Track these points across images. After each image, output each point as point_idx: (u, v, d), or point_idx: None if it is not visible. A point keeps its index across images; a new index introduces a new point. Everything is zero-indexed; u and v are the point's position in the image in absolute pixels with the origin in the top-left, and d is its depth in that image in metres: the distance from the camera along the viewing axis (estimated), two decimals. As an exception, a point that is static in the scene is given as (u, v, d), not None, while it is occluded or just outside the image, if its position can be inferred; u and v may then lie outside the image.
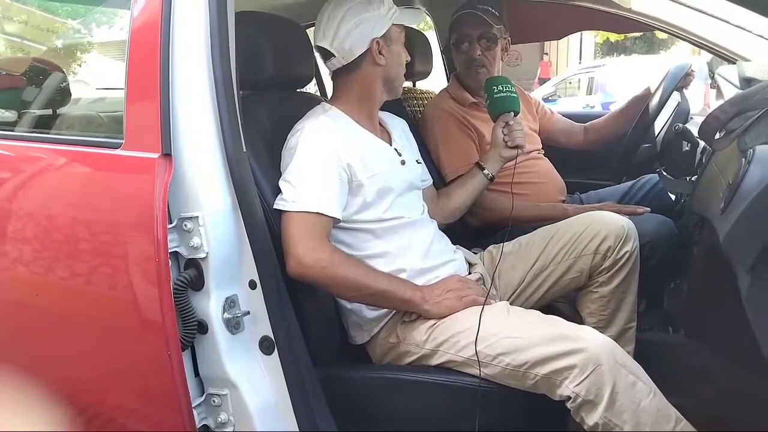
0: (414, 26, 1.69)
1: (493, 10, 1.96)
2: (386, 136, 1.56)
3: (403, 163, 1.51)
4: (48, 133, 1.58)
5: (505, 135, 1.64)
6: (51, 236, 1.25)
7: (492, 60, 1.96)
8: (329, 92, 2.71)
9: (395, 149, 1.53)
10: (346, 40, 1.41)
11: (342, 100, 1.48)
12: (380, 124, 1.57)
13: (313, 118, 1.40)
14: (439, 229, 1.59)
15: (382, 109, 1.59)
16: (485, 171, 1.68)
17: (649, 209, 1.83)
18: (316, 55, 1.52)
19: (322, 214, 1.30)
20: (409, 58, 1.53)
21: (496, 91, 1.68)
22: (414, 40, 2.07)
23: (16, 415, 1.30)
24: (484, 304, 1.35)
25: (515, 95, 1.68)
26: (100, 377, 1.27)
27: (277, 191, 1.33)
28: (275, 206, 1.31)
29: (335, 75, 1.50)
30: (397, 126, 1.64)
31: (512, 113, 1.66)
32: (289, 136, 1.40)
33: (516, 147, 1.63)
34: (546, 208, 1.90)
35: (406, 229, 1.45)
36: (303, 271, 1.26)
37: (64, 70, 1.94)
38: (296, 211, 1.29)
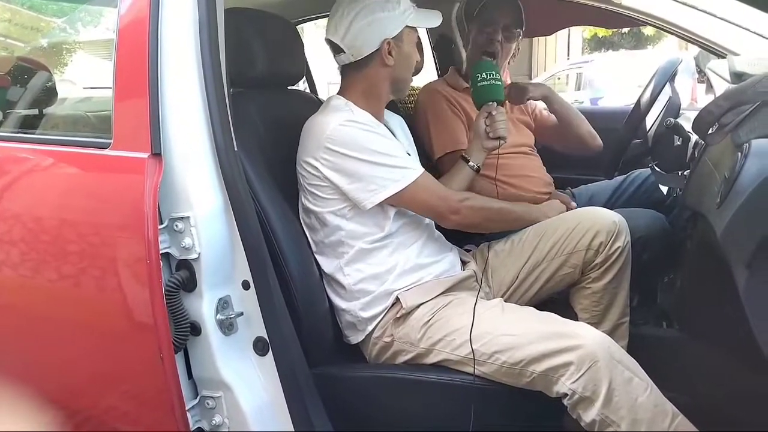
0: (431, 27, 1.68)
1: (521, 7, 1.98)
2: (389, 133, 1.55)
3: None
4: (34, 134, 1.56)
5: (487, 126, 1.59)
6: (38, 238, 1.23)
7: (505, 54, 1.96)
8: (320, 90, 2.71)
9: (407, 152, 1.53)
10: (357, 38, 1.40)
11: (350, 94, 1.47)
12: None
13: (346, 110, 1.41)
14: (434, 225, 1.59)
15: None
16: (470, 163, 1.65)
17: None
18: (307, 52, 1.51)
19: (425, 171, 1.43)
20: (419, 59, 1.52)
21: (479, 78, 1.63)
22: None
23: (6, 419, 1.28)
24: (476, 302, 1.34)
25: (500, 83, 1.63)
26: (92, 381, 1.26)
27: (270, 188, 1.32)
28: (387, 196, 1.35)
29: (344, 70, 1.49)
30: (396, 123, 1.63)
31: (494, 103, 1.60)
32: (317, 131, 1.37)
33: (498, 138, 1.59)
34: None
35: (407, 226, 1.46)
36: (462, 218, 1.44)
37: (50, 69, 1.91)
38: (413, 180, 1.37)
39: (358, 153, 1.34)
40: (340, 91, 1.50)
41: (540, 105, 2.22)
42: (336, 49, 1.45)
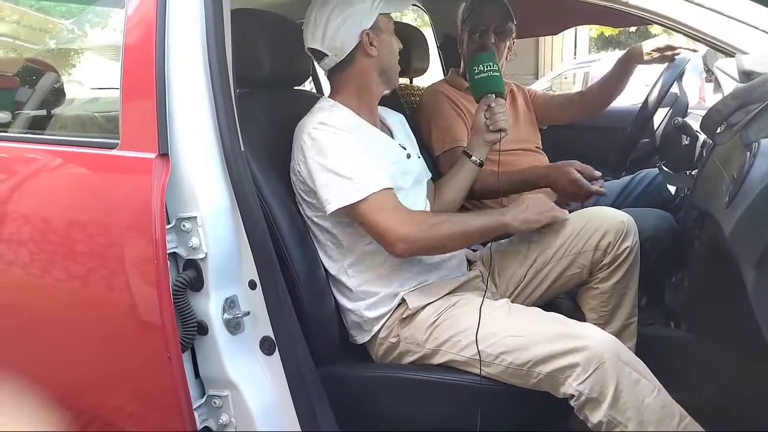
0: (401, 11, 1.68)
1: (509, 5, 1.99)
2: (387, 131, 1.56)
3: (408, 156, 1.52)
4: (42, 134, 1.57)
5: (486, 118, 1.59)
6: (47, 238, 1.24)
7: (500, 54, 1.97)
8: (326, 90, 2.71)
9: (400, 145, 1.53)
10: (335, 38, 1.40)
11: (341, 96, 1.47)
12: (380, 119, 1.56)
13: (326, 111, 1.40)
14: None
15: (380, 105, 1.58)
16: (473, 158, 1.65)
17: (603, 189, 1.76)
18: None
19: (388, 189, 1.32)
20: (401, 46, 1.52)
21: (476, 71, 1.62)
22: (410, 37, 2.06)
23: (13, 419, 1.29)
24: (482, 303, 1.34)
25: (498, 74, 1.62)
26: (99, 380, 1.26)
27: (276, 189, 1.32)
28: (336, 207, 1.30)
29: (331, 73, 1.49)
30: (396, 121, 1.63)
31: (493, 95, 1.60)
32: (298, 133, 1.38)
33: (499, 131, 1.59)
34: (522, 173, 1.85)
35: None
36: (413, 248, 1.31)
37: (57, 70, 1.92)
38: (368, 196, 1.29)
39: (322, 158, 1.32)
40: (331, 94, 1.51)
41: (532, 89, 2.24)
42: (319, 56, 1.45)
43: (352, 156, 1.33)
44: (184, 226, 1.13)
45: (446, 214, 1.44)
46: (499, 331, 1.26)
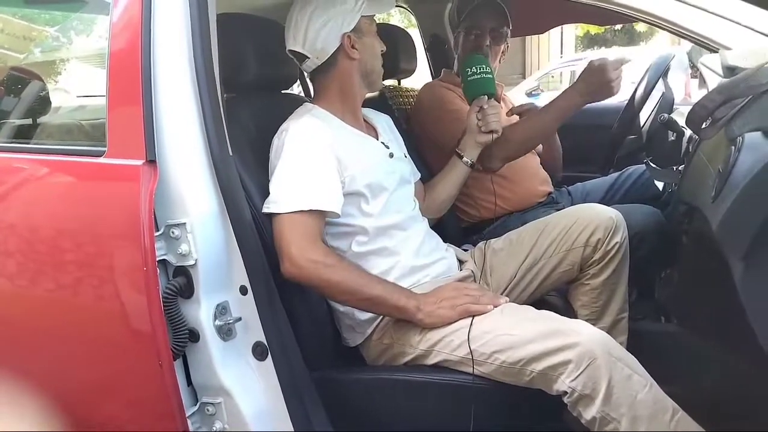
0: (386, 13, 1.68)
1: (506, 9, 1.97)
2: (372, 131, 1.56)
3: (391, 155, 1.51)
4: (29, 143, 1.56)
5: (479, 120, 1.61)
6: (35, 248, 1.23)
7: (494, 56, 1.96)
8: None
9: (382, 143, 1.52)
10: (317, 40, 1.40)
11: (323, 99, 1.47)
12: (365, 120, 1.56)
13: (297, 118, 1.39)
14: (430, 225, 1.59)
15: (368, 106, 1.58)
16: (464, 159, 1.66)
17: None
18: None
19: (314, 211, 1.28)
20: (384, 49, 1.51)
21: (469, 73, 1.64)
22: (397, 38, 2.07)
23: (6, 428, 1.28)
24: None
25: (490, 76, 1.64)
26: (91, 389, 1.25)
27: (265, 193, 1.32)
28: (264, 210, 1.29)
29: (313, 76, 1.49)
30: (382, 121, 1.63)
31: (485, 97, 1.61)
32: (274, 138, 1.38)
33: (491, 132, 1.60)
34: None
35: (399, 227, 1.45)
36: (296, 272, 1.24)
37: (43, 78, 1.91)
38: (286, 212, 1.27)
39: (277, 161, 1.33)
40: (314, 99, 1.51)
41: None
42: (300, 58, 1.44)
43: (297, 166, 1.31)
44: (173, 232, 1.12)
45: (353, 265, 1.34)
46: (492, 330, 1.26)
